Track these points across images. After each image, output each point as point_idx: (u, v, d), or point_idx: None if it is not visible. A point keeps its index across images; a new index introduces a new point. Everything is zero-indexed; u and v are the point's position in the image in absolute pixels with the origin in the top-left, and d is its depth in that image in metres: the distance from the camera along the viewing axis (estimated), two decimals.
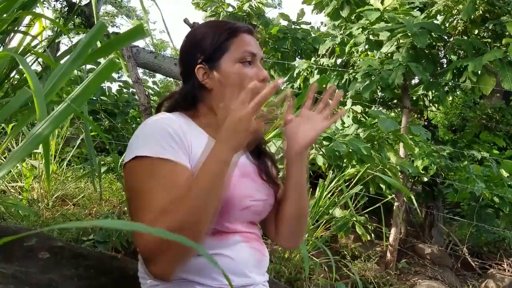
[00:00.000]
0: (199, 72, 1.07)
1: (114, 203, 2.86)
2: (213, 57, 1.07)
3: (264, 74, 1.09)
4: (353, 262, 3.16)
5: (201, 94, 1.09)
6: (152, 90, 5.85)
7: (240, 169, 1.10)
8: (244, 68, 1.07)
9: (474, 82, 3.31)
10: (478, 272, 3.82)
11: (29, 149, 0.60)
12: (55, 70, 0.75)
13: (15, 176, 2.79)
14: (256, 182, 1.14)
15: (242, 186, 1.07)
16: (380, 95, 4.53)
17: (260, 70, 1.09)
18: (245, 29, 1.10)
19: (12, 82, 1.50)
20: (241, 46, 1.07)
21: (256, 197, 1.10)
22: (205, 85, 1.08)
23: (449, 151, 4.10)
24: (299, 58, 4.84)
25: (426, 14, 3.67)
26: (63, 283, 1.19)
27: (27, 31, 1.58)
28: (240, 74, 1.06)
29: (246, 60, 1.07)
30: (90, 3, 5.44)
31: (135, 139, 1.00)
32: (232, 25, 1.10)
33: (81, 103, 0.69)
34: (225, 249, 1.03)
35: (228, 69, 1.06)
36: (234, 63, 1.06)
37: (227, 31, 1.08)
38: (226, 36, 1.07)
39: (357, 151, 2.86)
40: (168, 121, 1.01)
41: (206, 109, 1.10)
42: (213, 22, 1.16)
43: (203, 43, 1.08)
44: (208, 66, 1.07)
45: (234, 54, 1.07)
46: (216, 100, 1.08)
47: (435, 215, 4.15)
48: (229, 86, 1.06)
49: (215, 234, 1.03)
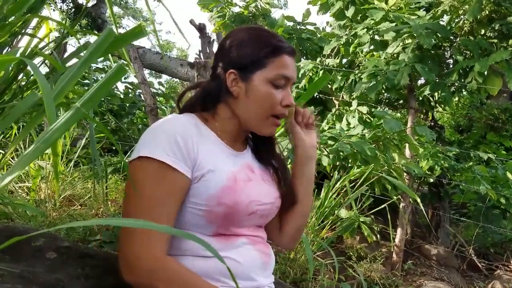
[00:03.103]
0: (230, 77, 1.07)
1: (120, 204, 2.87)
2: (248, 69, 1.06)
3: (290, 101, 1.09)
4: (359, 263, 3.15)
5: (225, 97, 1.09)
6: (158, 91, 5.87)
7: (247, 172, 1.10)
8: (273, 89, 1.07)
9: (480, 83, 3.29)
10: (485, 273, 3.81)
11: (39, 153, 0.61)
12: (64, 74, 0.76)
13: (23, 176, 2.81)
14: (263, 184, 1.14)
15: (250, 191, 1.07)
16: (385, 96, 4.52)
17: (288, 95, 1.09)
18: (289, 50, 1.09)
19: (19, 84, 1.52)
20: (279, 68, 1.07)
21: (263, 201, 1.10)
22: (232, 92, 1.08)
23: (455, 152, 4.08)
24: (304, 58, 4.84)
25: (432, 14, 3.65)
26: (69, 283, 1.20)
27: (34, 33, 1.60)
28: (268, 94, 1.06)
29: (279, 83, 1.07)
30: (96, 5, 5.47)
31: (144, 138, 1.01)
32: (276, 42, 1.08)
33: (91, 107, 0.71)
34: (231, 251, 1.04)
35: (258, 86, 1.06)
36: (266, 81, 1.06)
37: (270, 47, 1.07)
38: (267, 52, 1.06)
39: (361, 151, 2.85)
40: (178, 125, 1.02)
41: (226, 114, 1.10)
42: (260, 31, 1.12)
43: (242, 50, 1.07)
44: (240, 75, 1.07)
45: (270, 73, 1.06)
46: (239, 109, 1.09)
47: (441, 216, 4.14)
48: (254, 101, 1.07)
49: (221, 237, 1.04)
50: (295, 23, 5.01)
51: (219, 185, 1.01)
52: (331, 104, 4.64)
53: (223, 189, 1.01)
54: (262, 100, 1.06)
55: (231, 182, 1.03)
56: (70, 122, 0.65)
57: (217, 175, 1.02)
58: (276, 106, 1.08)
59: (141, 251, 0.93)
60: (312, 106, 4.55)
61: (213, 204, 1.00)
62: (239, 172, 1.07)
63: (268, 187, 1.15)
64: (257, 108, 1.07)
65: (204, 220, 1.01)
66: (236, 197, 1.02)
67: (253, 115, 1.08)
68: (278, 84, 1.07)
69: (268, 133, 1.12)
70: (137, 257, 0.93)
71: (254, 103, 1.07)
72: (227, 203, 1.01)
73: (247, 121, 1.10)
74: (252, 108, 1.07)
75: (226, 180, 1.03)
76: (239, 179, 1.06)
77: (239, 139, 1.16)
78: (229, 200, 1.01)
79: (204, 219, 1.01)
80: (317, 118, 1.27)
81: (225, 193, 1.01)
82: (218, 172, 1.02)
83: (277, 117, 1.11)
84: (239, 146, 1.15)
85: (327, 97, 4.54)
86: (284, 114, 1.11)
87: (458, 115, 5.93)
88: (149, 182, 0.96)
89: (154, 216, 0.95)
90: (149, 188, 0.95)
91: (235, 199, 1.02)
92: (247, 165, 1.13)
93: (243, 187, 1.05)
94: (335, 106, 4.44)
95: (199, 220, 1.01)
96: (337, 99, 4.39)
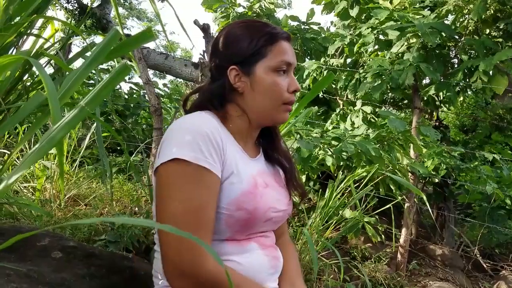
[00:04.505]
0: (231, 73, 1.05)
1: (125, 204, 2.88)
2: (249, 61, 1.05)
3: (296, 86, 1.08)
4: (363, 263, 3.15)
5: (231, 95, 1.07)
6: (162, 91, 5.88)
7: (264, 177, 1.09)
8: (277, 76, 1.05)
9: (485, 82, 3.28)
10: (490, 273, 3.79)
11: (43, 152, 0.61)
12: (70, 74, 0.76)
13: (28, 176, 2.83)
14: (278, 190, 1.12)
15: (268, 197, 1.05)
16: (390, 96, 4.51)
17: (293, 80, 1.08)
18: (285, 36, 1.08)
19: (25, 85, 1.52)
20: (279, 54, 1.05)
21: (279, 208, 1.09)
22: (237, 88, 1.06)
23: (460, 152, 4.07)
24: (308, 58, 4.83)
25: (437, 13, 3.64)
26: (75, 282, 1.21)
27: (40, 33, 1.61)
28: (273, 83, 1.05)
29: (281, 69, 1.06)
30: (101, 5, 5.49)
31: (175, 138, 0.96)
32: (271, 30, 1.07)
33: (95, 106, 0.71)
34: (240, 256, 1.02)
35: (262, 76, 1.04)
36: (269, 70, 1.05)
37: (266, 36, 1.05)
38: (264, 41, 1.05)
39: (365, 151, 2.85)
40: (208, 124, 0.98)
41: (236, 112, 1.08)
42: (252, 23, 1.11)
43: (239, 44, 1.05)
44: (242, 70, 1.05)
45: (271, 61, 1.05)
46: (247, 104, 1.07)
47: (446, 216, 4.12)
48: (260, 93, 1.05)
49: (233, 241, 1.02)
50: (299, 23, 5.01)
51: (240, 189, 0.99)
52: (335, 104, 4.63)
53: (245, 194, 0.99)
54: (269, 90, 1.05)
55: (252, 187, 1.01)
56: (74, 121, 0.65)
57: (239, 179, 1.00)
58: (284, 93, 1.06)
59: (195, 259, 0.89)
60: (316, 106, 4.55)
61: (234, 208, 0.98)
62: (257, 177, 1.06)
63: (281, 193, 1.14)
64: (265, 99, 1.05)
65: (222, 224, 0.99)
66: (256, 203, 1.00)
67: (263, 107, 1.06)
68: (281, 70, 1.05)
69: (282, 121, 1.10)
70: (192, 265, 0.89)
71: (261, 94, 1.05)
72: (248, 208, 0.99)
73: (258, 115, 1.08)
74: (261, 100, 1.05)
75: (247, 184, 1.01)
76: (259, 185, 1.04)
77: (250, 140, 1.14)
78: (250, 205, 0.99)
79: (222, 223, 0.99)
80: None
81: (246, 198, 0.99)
82: (240, 176, 1.01)
83: (287, 104, 1.09)
84: (252, 152, 1.14)
85: (331, 97, 4.53)
86: (293, 101, 1.09)
87: (463, 115, 5.90)
88: (190, 186, 0.92)
89: (201, 220, 0.92)
90: (189, 192, 0.91)
91: (255, 204, 1.00)
92: (263, 171, 1.12)
93: (262, 193, 1.03)
94: (339, 106, 4.43)
95: (217, 224, 0.98)
96: (341, 99, 4.38)
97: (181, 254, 0.88)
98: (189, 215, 0.90)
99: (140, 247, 2.03)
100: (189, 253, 0.88)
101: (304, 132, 3.18)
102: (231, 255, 1.01)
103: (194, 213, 0.91)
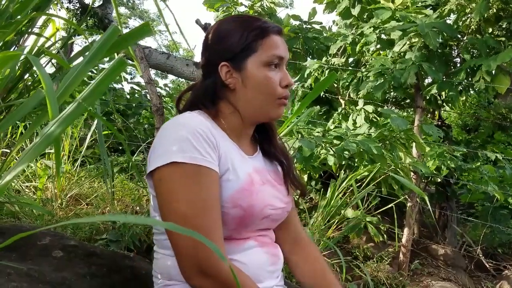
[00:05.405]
0: (223, 70, 1.03)
1: (126, 203, 2.88)
2: (239, 57, 1.02)
3: (288, 80, 1.05)
4: (365, 263, 3.14)
5: (223, 92, 1.05)
6: (164, 90, 5.88)
7: (261, 175, 1.07)
8: (269, 71, 1.03)
9: (488, 82, 3.27)
10: (492, 273, 3.78)
11: (41, 148, 0.61)
12: (69, 72, 0.75)
13: (29, 176, 2.83)
14: (276, 188, 1.11)
15: (265, 194, 1.04)
16: (392, 95, 4.50)
17: (285, 75, 1.06)
18: (276, 29, 1.05)
19: (26, 83, 1.52)
20: (269, 48, 1.03)
21: (276, 205, 1.08)
22: (228, 84, 1.04)
23: (462, 152, 4.06)
24: (310, 58, 4.82)
25: (439, 13, 3.63)
26: (76, 282, 1.21)
27: (41, 32, 1.61)
28: (265, 77, 1.02)
29: (273, 63, 1.03)
30: (103, 5, 5.49)
31: (168, 141, 0.94)
32: (261, 24, 1.04)
33: (92, 102, 0.70)
34: (239, 254, 1.01)
35: (253, 72, 1.02)
36: (260, 65, 1.02)
37: (256, 30, 1.03)
38: (254, 36, 1.02)
39: (367, 150, 2.84)
40: (199, 124, 0.97)
41: (228, 109, 1.06)
42: (241, 18, 1.09)
43: (229, 40, 1.03)
44: (233, 66, 1.02)
45: (262, 56, 1.02)
46: (240, 101, 1.04)
47: (448, 216, 4.11)
48: (253, 88, 1.03)
49: (231, 240, 1.01)
50: (301, 22, 4.99)
51: (236, 186, 0.98)
52: (337, 103, 4.62)
53: (241, 191, 0.98)
54: (261, 85, 1.02)
55: (247, 184, 1.00)
56: (72, 116, 0.65)
57: (235, 175, 0.99)
58: (277, 88, 1.04)
59: (212, 259, 0.89)
60: (318, 105, 4.54)
61: (229, 205, 0.97)
62: (254, 175, 1.05)
63: (280, 191, 1.12)
64: (257, 95, 1.03)
65: None
66: (252, 200, 0.99)
67: (256, 103, 1.04)
68: (273, 64, 1.03)
69: (276, 116, 1.08)
70: (211, 265, 0.89)
71: (253, 90, 1.03)
72: (243, 206, 0.98)
73: (252, 111, 1.05)
74: (253, 96, 1.03)
75: (243, 181, 1.00)
76: (255, 182, 1.03)
77: (245, 137, 1.12)
78: (245, 202, 0.98)
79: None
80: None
81: (242, 195, 0.98)
82: (235, 172, 1.00)
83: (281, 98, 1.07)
84: (248, 149, 1.12)
85: (333, 96, 4.52)
86: (287, 96, 1.06)
87: (466, 115, 5.89)
88: (193, 187, 0.91)
89: (211, 218, 0.91)
90: (192, 193, 0.91)
91: (251, 202, 0.99)
92: (261, 168, 1.10)
93: (258, 190, 1.02)
94: (341, 105, 4.43)
95: None
96: (343, 98, 4.37)
97: (197, 255, 0.88)
98: (198, 216, 0.90)
99: (142, 246, 2.02)
100: (206, 252, 0.88)
101: (306, 131, 3.17)
102: (230, 254, 1.00)
103: (202, 212, 0.91)
